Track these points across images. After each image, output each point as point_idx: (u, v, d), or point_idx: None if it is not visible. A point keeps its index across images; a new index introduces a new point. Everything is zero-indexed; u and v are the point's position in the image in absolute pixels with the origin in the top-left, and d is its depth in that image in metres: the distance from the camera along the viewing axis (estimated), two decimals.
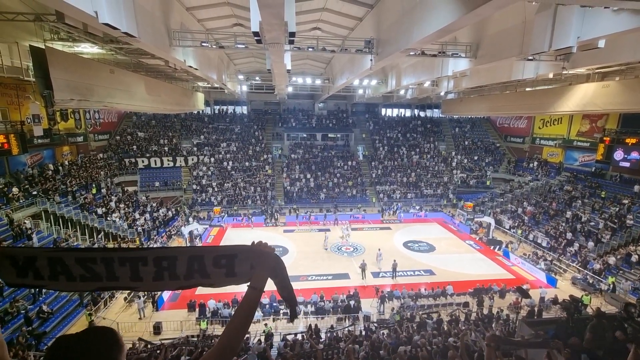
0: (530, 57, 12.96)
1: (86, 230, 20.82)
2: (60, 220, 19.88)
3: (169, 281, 1.38)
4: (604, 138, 25.16)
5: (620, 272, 18.43)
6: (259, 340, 11.91)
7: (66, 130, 25.37)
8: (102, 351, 1.10)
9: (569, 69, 15.17)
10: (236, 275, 1.39)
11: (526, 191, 29.83)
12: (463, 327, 11.63)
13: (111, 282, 1.36)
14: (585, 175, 27.62)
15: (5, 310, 12.86)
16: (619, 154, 24.08)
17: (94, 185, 24.58)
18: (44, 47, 11.78)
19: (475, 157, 37.43)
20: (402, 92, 30.29)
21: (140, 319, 15.19)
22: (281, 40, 10.63)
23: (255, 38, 10.43)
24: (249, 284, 1.37)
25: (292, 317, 1.60)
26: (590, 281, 18.18)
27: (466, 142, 39.49)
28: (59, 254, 1.35)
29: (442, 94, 28.63)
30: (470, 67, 14.74)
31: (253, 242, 1.43)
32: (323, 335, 12.34)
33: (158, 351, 9.50)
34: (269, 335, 11.28)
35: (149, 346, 11.07)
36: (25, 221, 17.47)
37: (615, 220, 21.59)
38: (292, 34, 9.82)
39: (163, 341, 12.40)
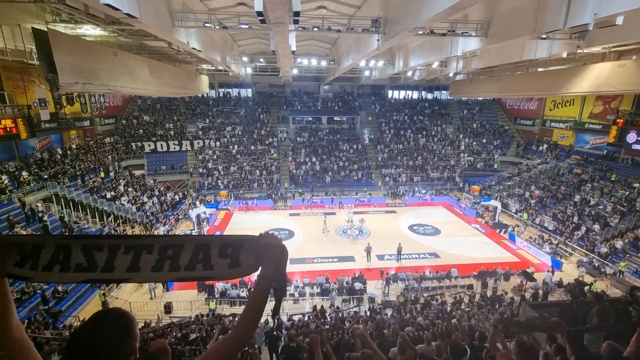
0: (543, 36, 12.49)
1: (96, 213, 21.24)
2: (70, 203, 20.28)
3: (168, 272, 1.35)
4: (617, 120, 24.48)
5: (627, 255, 18.34)
6: (266, 320, 12.24)
7: (73, 114, 25.46)
8: (114, 339, 1.16)
9: (584, 47, 14.59)
10: (240, 265, 1.37)
11: (534, 174, 29.46)
12: (467, 309, 11.80)
13: (104, 274, 1.33)
14: (596, 159, 27.10)
15: (22, 290, 13.37)
16: (632, 137, 23.47)
17: (102, 169, 24.87)
18: (46, 29, 11.64)
19: (484, 140, 36.86)
20: (409, 73, 29.53)
21: (151, 298, 15.70)
22: (285, 20, 10.36)
23: (259, 18, 10.15)
24: (258, 273, 1.38)
25: (275, 313, 1.57)
26: (597, 265, 18.16)
27: (474, 125, 38.81)
28: (69, 241, 1.35)
29: (451, 75, 27.90)
30: (480, 46, 14.25)
31: (261, 233, 1.43)
32: (328, 317, 12.63)
33: (169, 329, 9.84)
34: (279, 325, 11.56)
35: (160, 325, 11.47)
36: (38, 204, 17.85)
37: (625, 204, 21.32)
38: (297, 13, 9.55)
39: (173, 320, 12.85)
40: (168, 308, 14.70)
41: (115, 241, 1.36)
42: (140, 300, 15.24)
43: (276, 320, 12.53)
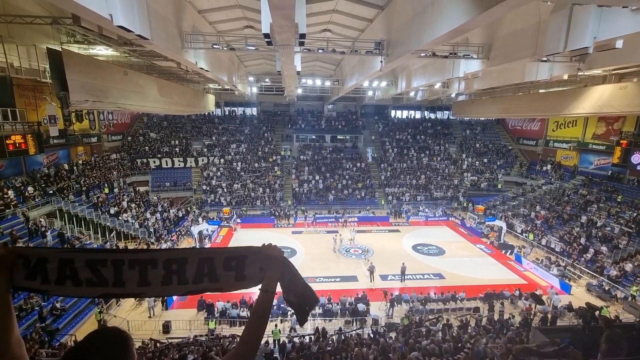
0: (544, 58, 12.73)
1: (99, 229, 21.21)
2: (74, 218, 20.31)
3: (177, 285, 1.37)
4: (621, 141, 24.46)
5: (638, 279, 17.85)
6: (267, 341, 11.92)
7: (81, 131, 25.92)
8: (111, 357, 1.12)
9: (585, 70, 14.83)
10: (245, 278, 1.38)
11: (539, 195, 29.22)
12: (473, 333, 11.43)
13: (117, 289, 1.35)
14: (600, 179, 26.91)
15: (19, 307, 13.18)
16: (636, 158, 23.36)
17: (106, 185, 25.04)
18: (60, 49, 12.07)
19: (486, 160, 36.86)
20: (412, 93, 30.06)
21: (150, 317, 15.38)
22: (291, 42, 10.66)
23: (266, 40, 10.50)
24: (260, 287, 1.37)
25: (301, 321, 1.59)
26: (607, 288, 17.67)
27: (477, 145, 38.94)
28: (72, 255, 1.35)
29: (453, 95, 28.32)
30: (482, 68, 14.54)
31: (263, 244, 1.44)
32: (330, 338, 12.26)
33: (167, 350, 9.58)
34: (282, 345, 11.27)
35: (157, 345, 11.18)
36: (41, 219, 17.89)
37: (632, 226, 20.96)
38: (303, 36, 9.84)
39: (171, 340, 12.53)
40: (166, 327, 14.37)
41: (117, 256, 1.36)
42: (138, 319, 14.94)
43: (277, 342, 12.20)
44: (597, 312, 12.20)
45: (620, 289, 17.42)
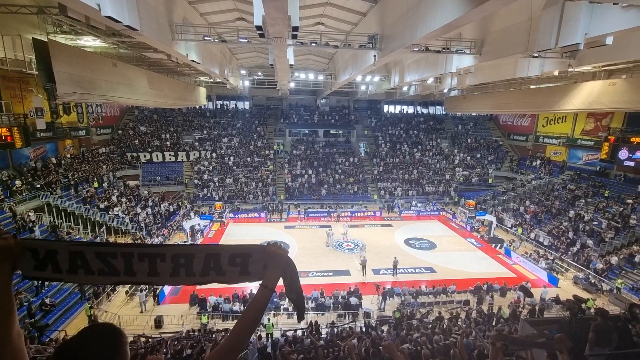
0: (535, 54, 12.82)
1: (88, 223, 20.90)
2: (62, 213, 19.96)
3: (185, 277, 1.43)
4: (609, 137, 24.93)
5: (623, 272, 18.35)
6: (259, 335, 11.96)
7: (69, 124, 25.35)
8: (102, 354, 1.12)
9: (575, 66, 15.00)
10: (249, 274, 1.44)
11: (528, 189, 29.70)
12: (464, 325, 11.63)
13: (128, 277, 1.41)
14: (589, 174, 27.44)
15: None
16: (623, 153, 23.86)
17: (95, 179, 24.63)
18: (47, 40, 11.72)
19: (478, 155, 37.25)
20: (405, 88, 30.06)
21: (141, 312, 15.29)
22: (284, 35, 10.54)
23: (258, 32, 10.36)
24: (260, 282, 1.41)
25: (300, 317, 1.65)
26: (593, 281, 18.13)
27: (469, 140, 39.29)
28: (81, 248, 1.38)
29: (445, 90, 28.43)
30: (474, 63, 14.60)
31: (268, 243, 1.48)
32: (323, 332, 12.37)
33: (158, 346, 9.55)
34: (275, 343, 11.29)
35: (149, 341, 11.12)
36: (29, 214, 17.55)
37: (619, 220, 21.48)
38: (296, 29, 9.74)
39: (163, 335, 12.49)
40: (158, 322, 14.31)
41: (127, 249, 1.40)
42: (130, 314, 14.83)
43: (269, 337, 12.26)
44: (583, 305, 12.51)
45: (606, 281, 17.90)
